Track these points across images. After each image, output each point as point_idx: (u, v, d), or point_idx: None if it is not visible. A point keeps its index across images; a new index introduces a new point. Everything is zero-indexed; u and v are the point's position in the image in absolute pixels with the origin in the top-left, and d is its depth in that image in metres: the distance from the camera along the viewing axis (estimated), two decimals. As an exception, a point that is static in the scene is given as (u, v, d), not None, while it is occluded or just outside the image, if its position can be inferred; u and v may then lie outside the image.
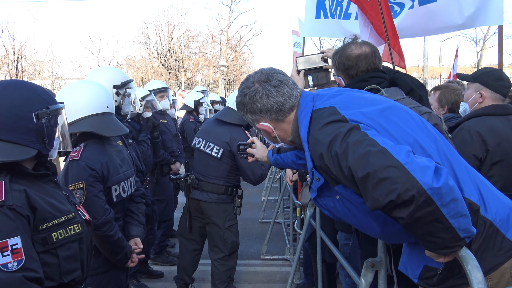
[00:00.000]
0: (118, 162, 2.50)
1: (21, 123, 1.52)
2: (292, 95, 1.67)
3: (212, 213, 3.75)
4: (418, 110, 1.99)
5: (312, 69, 2.64)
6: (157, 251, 5.13)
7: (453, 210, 1.24)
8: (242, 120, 3.71)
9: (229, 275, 3.82)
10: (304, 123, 1.58)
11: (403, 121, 1.55)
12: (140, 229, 2.62)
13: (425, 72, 20.34)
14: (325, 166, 1.43)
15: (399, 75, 2.35)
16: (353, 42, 2.29)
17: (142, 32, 32.84)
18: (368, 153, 1.29)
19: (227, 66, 26.95)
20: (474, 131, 2.64)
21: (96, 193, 2.30)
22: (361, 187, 1.31)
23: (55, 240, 1.54)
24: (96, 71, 3.13)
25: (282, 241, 5.81)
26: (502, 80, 2.78)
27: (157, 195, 4.97)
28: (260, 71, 1.74)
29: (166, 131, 5.22)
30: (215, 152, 3.77)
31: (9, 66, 28.24)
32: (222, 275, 3.79)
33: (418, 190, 1.20)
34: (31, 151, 1.54)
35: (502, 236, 1.49)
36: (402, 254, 1.72)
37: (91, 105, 2.42)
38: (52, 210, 1.57)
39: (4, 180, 1.47)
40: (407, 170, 1.23)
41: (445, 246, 1.29)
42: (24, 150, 1.53)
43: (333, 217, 1.72)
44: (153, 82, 5.54)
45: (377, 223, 1.55)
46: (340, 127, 1.41)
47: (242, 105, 1.74)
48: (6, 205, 1.41)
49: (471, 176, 1.58)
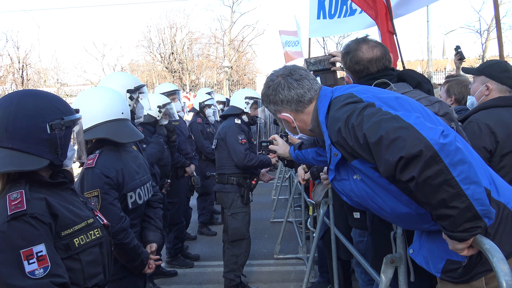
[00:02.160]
0: (134, 169, 2.48)
1: (35, 133, 1.53)
2: (311, 89, 1.80)
3: (221, 201, 4.31)
4: (429, 100, 2.03)
5: (320, 70, 2.72)
6: (172, 255, 5.15)
7: (463, 173, 1.25)
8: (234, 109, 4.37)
9: (234, 261, 4.17)
10: (323, 109, 1.70)
11: (415, 110, 1.62)
12: (157, 234, 2.61)
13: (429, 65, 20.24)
14: (342, 139, 1.52)
15: (406, 71, 2.40)
16: (365, 42, 2.29)
17: (145, 36, 32.91)
18: (381, 120, 1.39)
19: (230, 67, 26.96)
20: (483, 123, 2.63)
21: (111, 200, 2.29)
22: (374, 152, 1.39)
23: (77, 245, 1.57)
24: (108, 76, 3.14)
25: (294, 240, 5.82)
26: (508, 72, 2.77)
27: (170, 198, 5.00)
28: (284, 67, 1.89)
29: (179, 133, 5.26)
30: (214, 145, 4.43)
31: (15, 75, 28.43)
32: (228, 259, 4.22)
33: (426, 145, 1.26)
34: (43, 161, 1.54)
35: None
36: (421, 248, 1.71)
37: (106, 111, 2.42)
38: (72, 217, 1.59)
39: (24, 189, 1.49)
40: (415, 129, 1.31)
41: (462, 223, 1.27)
42: (36, 160, 1.53)
43: (350, 201, 1.76)
44: (164, 85, 5.56)
45: (395, 197, 1.56)
46: (357, 105, 1.53)
47: (266, 97, 1.89)
48: (28, 213, 1.43)
49: (482, 164, 1.62)
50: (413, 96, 2.02)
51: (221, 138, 4.26)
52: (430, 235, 1.66)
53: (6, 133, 1.50)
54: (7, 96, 1.59)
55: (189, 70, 31.63)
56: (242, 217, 4.19)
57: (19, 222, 1.41)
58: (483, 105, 2.76)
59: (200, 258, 5.40)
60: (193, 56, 33.70)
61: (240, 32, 32.95)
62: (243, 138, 4.15)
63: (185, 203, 5.47)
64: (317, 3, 5.57)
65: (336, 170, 1.69)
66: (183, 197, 5.31)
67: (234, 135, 4.16)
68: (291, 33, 12.17)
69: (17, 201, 1.45)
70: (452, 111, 2.13)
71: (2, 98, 1.59)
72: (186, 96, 13.93)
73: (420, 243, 1.71)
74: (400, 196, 1.53)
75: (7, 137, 1.50)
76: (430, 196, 1.29)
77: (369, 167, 1.53)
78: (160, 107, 4.49)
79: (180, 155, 5.17)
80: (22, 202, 1.45)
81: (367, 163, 1.51)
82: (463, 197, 1.24)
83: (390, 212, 1.61)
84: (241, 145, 4.11)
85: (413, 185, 1.31)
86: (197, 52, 34.22)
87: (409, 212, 1.56)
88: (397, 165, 1.31)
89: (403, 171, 1.31)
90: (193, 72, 32.50)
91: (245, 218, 4.22)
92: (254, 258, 5.21)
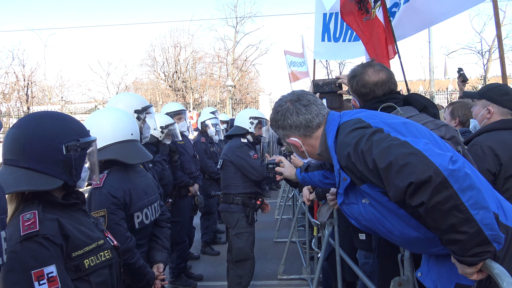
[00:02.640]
0: (142, 189, 2.50)
1: (51, 154, 1.56)
2: (319, 114, 1.83)
3: (226, 221, 4.31)
4: (435, 124, 2.04)
5: (327, 92, 2.76)
6: (175, 274, 5.11)
7: (472, 198, 1.26)
8: (239, 130, 4.39)
9: (238, 282, 4.17)
10: (332, 134, 1.71)
11: (423, 135, 1.64)
12: (164, 254, 2.60)
13: (431, 85, 20.37)
14: (351, 164, 1.54)
15: (412, 95, 2.43)
16: (370, 66, 2.33)
17: (149, 54, 33.26)
18: (390, 145, 1.41)
19: (234, 86, 27.15)
20: (486, 146, 2.64)
21: (118, 221, 2.30)
22: (384, 177, 1.40)
23: (87, 267, 1.58)
24: (116, 97, 3.20)
25: (298, 260, 5.78)
26: (508, 95, 2.79)
27: (173, 217, 4.97)
28: (292, 92, 1.91)
29: (184, 153, 5.28)
30: (220, 165, 4.42)
31: (20, 93, 28.69)
32: (232, 280, 4.20)
33: (435, 171, 1.28)
34: (57, 181, 1.57)
35: None
36: (429, 271, 1.71)
37: (116, 132, 2.46)
38: (83, 238, 1.60)
39: (37, 209, 1.51)
40: (425, 155, 1.32)
41: (472, 248, 1.27)
42: (50, 181, 1.56)
43: (359, 225, 1.76)
44: (170, 104, 5.60)
45: (404, 221, 1.56)
46: (366, 130, 1.55)
47: (274, 122, 1.91)
48: (40, 234, 1.45)
49: (489, 189, 1.63)
50: (419, 120, 2.04)
51: (228, 158, 4.26)
52: (438, 258, 1.65)
53: (23, 154, 1.54)
54: (26, 117, 1.63)
55: (193, 88, 31.86)
56: (247, 237, 4.19)
57: (32, 243, 1.43)
58: (485, 128, 2.77)
59: (203, 278, 5.36)
60: (196, 75, 34.00)
61: (243, 52, 33.32)
62: (254, 154, 4.20)
63: (188, 222, 5.45)
64: (322, 26, 5.67)
65: (345, 194, 1.71)
66: (186, 216, 5.29)
67: (245, 153, 4.18)
68: (296, 54, 12.29)
69: (30, 221, 1.46)
70: (458, 134, 2.15)
71: (21, 119, 1.63)
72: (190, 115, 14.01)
73: (428, 267, 1.71)
74: (409, 220, 1.54)
75: (24, 157, 1.54)
76: (440, 221, 1.30)
77: (378, 191, 1.55)
78: (162, 128, 4.52)
79: (184, 174, 5.17)
80: (35, 222, 1.46)
81: (376, 188, 1.53)
82: (473, 222, 1.25)
83: (399, 236, 1.61)
84: (255, 160, 4.15)
85: (423, 210, 1.32)
86: (200, 71, 34.56)
87: (418, 236, 1.56)
88: (407, 191, 1.33)
89: (412, 196, 1.32)
90: (197, 90, 32.73)
91: (249, 238, 4.21)
92: (257, 279, 5.16)
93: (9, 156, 1.56)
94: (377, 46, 3.78)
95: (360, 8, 3.92)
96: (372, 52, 3.85)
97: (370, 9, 3.82)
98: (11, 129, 1.60)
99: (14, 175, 1.52)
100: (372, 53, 3.83)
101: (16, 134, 1.56)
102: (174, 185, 4.95)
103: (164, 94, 32.16)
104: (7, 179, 1.50)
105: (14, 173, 1.53)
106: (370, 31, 3.86)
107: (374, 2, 3.73)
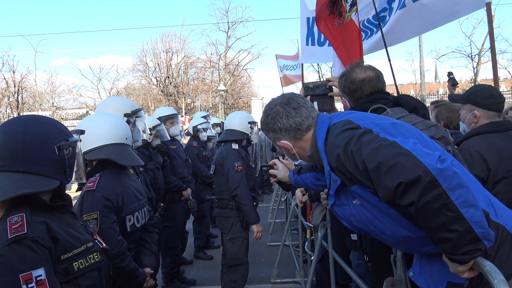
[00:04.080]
0: (133, 192, 2.52)
1: (45, 155, 1.56)
2: (309, 116, 1.83)
3: (220, 226, 4.29)
4: (425, 124, 2.05)
5: (318, 95, 2.77)
6: (168, 279, 5.08)
7: (461, 196, 1.27)
8: (231, 135, 4.37)
9: (232, 287, 4.17)
10: (322, 136, 1.72)
11: (412, 135, 1.65)
12: (152, 258, 2.61)
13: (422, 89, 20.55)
14: (341, 165, 1.54)
15: (402, 96, 2.44)
16: (359, 65, 2.36)
17: (141, 60, 33.19)
18: (379, 146, 1.41)
19: (226, 91, 27.15)
20: (474, 151, 2.64)
21: (110, 224, 2.30)
22: (374, 178, 1.40)
23: (76, 269, 1.56)
24: (106, 101, 3.16)
25: (291, 263, 5.77)
26: (492, 97, 2.77)
27: (166, 222, 4.97)
28: (282, 95, 1.92)
29: (176, 157, 5.26)
30: (212, 170, 4.43)
31: (10, 99, 28.45)
32: (226, 284, 4.20)
33: (424, 170, 1.28)
34: (55, 182, 1.58)
35: None
36: (422, 271, 1.72)
37: (111, 134, 2.48)
38: (72, 240, 1.59)
39: (24, 212, 1.49)
40: (413, 155, 1.33)
41: (463, 246, 1.29)
42: (48, 182, 1.56)
43: (350, 226, 1.76)
44: (162, 108, 5.58)
45: (395, 221, 1.57)
46: (355, 132, 1.56)
47: (265, 125, 1.92)
48: (28, 237, 1.43)
49: (479, 187, 1.64)
50: (409, 121, 2.06)
51: (220, 163, 4.26)
52: (430, 258, 1.66)
53: (16, 158, 1.52)
54: (10, 122, 1.61)
55: (185, 93, 31.78)
56: (241, 242, 4.19)
57: (19, 246, 1.41)
58: (474, 131, 2.77)
59: (196, 282, 5.35)
60: (188, 80, 33.92)
61: (235, 57, 33.36)
62: (239, 165, 4.14)
63: (181, 227, 5.43)
64: (306, 30, 5.71)
65: (336, 196, 1.71)
66: (179, 221, 5.27)
67: (231, 161, 4.16)
68: (289, 57, 12.32)
69: (17, 224, 1.44)
70: (448, 134, 2.16)
71: (5, 125, 1.61)
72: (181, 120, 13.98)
73: (421, 266, 1.72)
74: (400, 220, 1.55)
75: (18, 161, 1.53)
76: (430, 220, 1.30)
77: (368, 192, 1.55)
78: (150, 129, 4.51)
79: (177, 179, 5.15)
80: (22, 225, 1.44)
81: (367, 188, 1.53)
82: (463, 221, 1.26)
83: (391, 236, 1.61)
84: (236, 172, 4.11)
85: (413, 210, 1.33)
86: (192, 76, 34.45)
87: (409, 236, 1.57)
88: (397, 191, 1.33)
89: (402, 196, 1.33)
90: (189, 95, 32.66)
91: (243, 243, 4.21)
92: (251, 283, 5.15)
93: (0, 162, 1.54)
94: (350, 49, 3.76)
95: (332, 12, 3.90)
96: (344, 56, 3.82)
97: (344, 13, 3.83)
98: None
99: (10, 180, 1.50)
100: (344, 57, 3.80)
101: (5, 140, 1.54)
102: (166, 189, 4.93)
103: (156, 100, 32.04)
104: (3, 185, 1.48)
105: (9, 178, 1.51)
106: (342, 35, 3.84)
107: (350, 6, 3.75)
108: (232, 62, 33.37)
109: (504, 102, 2.87)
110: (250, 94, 33.98)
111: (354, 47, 3.71)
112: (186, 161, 5.56)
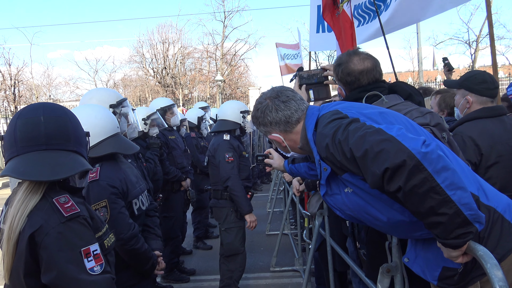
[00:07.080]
0: (133, 177, 2.55)
1: (84, 139, 1.69)
2: (298, 109, 1.85)
3: (216, 216, 4.31)
4: (420, 111, 2.06)
5: (313, 83, 2.73)
6: (168, 269, 5.11)
7: (447, 179, 1.28)
8: (224, 126, 4.36)
9: (229, 276, 4.20)
10: (311, 127, 1.74)
11: (399, 122, 1.66)
12: (159, 242, 2.67)
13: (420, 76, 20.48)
14: (330, 154, 1.56)
15: (397, 83, 2.43)
16: (356, 54, 2.33)
17: (138, 51, 33.02)
18: (365, 134, 1.43)
19: (223, 81, 27.08)
20: (467, 136, 2.65)
21: (120, 209, 2.35)
22: (361, 165, 1.43)
23: (106, 247, 1.68)
24: (89, 93, 3.07)
25: (290, 252, 5.82)
26: (485, 83, 2.77)
27: (166, 212, 4.99)
28: (272, 89, 1.93)
29: (176, 147, 5.27)
30: (206, 162, 4.44)
31: (6, 92, 28.32)
32: (224, 274, 4.25)
33: (408, 155, 1.30)
34: (88, 164, 1.66)
35: (508, 223, 1.57)
36: (417, 257, 1.74)
37: (105, 127, 2.48)
38: (99, 221, 1.70)
39: (66, 194, 1.57)
40: (398, 140, 1.35)
41: (454, 230, 1.30)
42: (87, 163, 1.65)
43: (343, 215, 1.78)
44: (159, 99, 5.56)
45: (388, 205, 1.58)
46: (342, 121, 1.57)
47: (255, 119, 1.93)
48: (81, 215, 1.52)
49: (468, 171, 1.66)
50: (404, 108, 2.06)
51: (212, 155, 4.27)
52: (425, 243, 1.68)
53: (71, 138, 1.60)
54: (52, 105, 1.64)
55: (182, 84, 31.69)
56: (236, 232, 4.19)
57: (75, 224, 1.50)
58: (467, 117, 2.78)
59: (196, 272, 5.38)
60: (185, 70, 33.79)
61: (232, 46, 33.20)
62: (230, 156, 4.13)
63: (181, 217, 5.46)
64: (317, 17, 5.67)
65: (328, 185, 1.72)
66: (179, 211, 5.30)
67: (222, 153, 4.16)
68: (290, 46, 12.24)
69: (68, 204, 1.52)
70: (443, 121, 2.16)
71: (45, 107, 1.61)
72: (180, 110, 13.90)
73: (415, 252, 1.74)
74: (392, 204, 1.56)
75: (72, 141, 1.61)
76: (419, 205, 1.32)
77: (359, 179, 1.57)
78: (145, 120, 4.51)
79: (176, 169, 5.17)
80: (73, 205, 1.53)
81: (357, 176, 1.55)
82: (451, 203, 1.27)
83: (385, 222, 1.63)
84: (227, 163, 4.11)
85: (401, 195, 1.34)
86: (189, 66, 34.36)
87: (403, 220, 1.58)
88: (384, 177, 1.35)
89: (389, 182, 1.35)
90: (186, 86, 32.56)
91: (239, 233, 4.21)
92: (250, 271, 5.20)
93: (55, 141, 1.56)
94: (344, 40, 3.80)
95: (334, 3, 3.96)
96: (341, 46, 3.86)
97: (338, 4, 3.85)
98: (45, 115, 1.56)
99: (69, 158, 1.57)
100: (342, 48, 3.84)
101: (59, 120, 1.58)
102: (166, 180, 4.94)
103: (153, 91, 31.95)
104: (66, 161, 1.55)
105: (67, 156, 1.57)
106: (340, 25, 3.89)
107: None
108: (229, 52, 33.25)
109: (498, 88, 2.87)
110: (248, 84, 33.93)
111: (347, 38, 3.72)
112: (185, 151, 5.58)
